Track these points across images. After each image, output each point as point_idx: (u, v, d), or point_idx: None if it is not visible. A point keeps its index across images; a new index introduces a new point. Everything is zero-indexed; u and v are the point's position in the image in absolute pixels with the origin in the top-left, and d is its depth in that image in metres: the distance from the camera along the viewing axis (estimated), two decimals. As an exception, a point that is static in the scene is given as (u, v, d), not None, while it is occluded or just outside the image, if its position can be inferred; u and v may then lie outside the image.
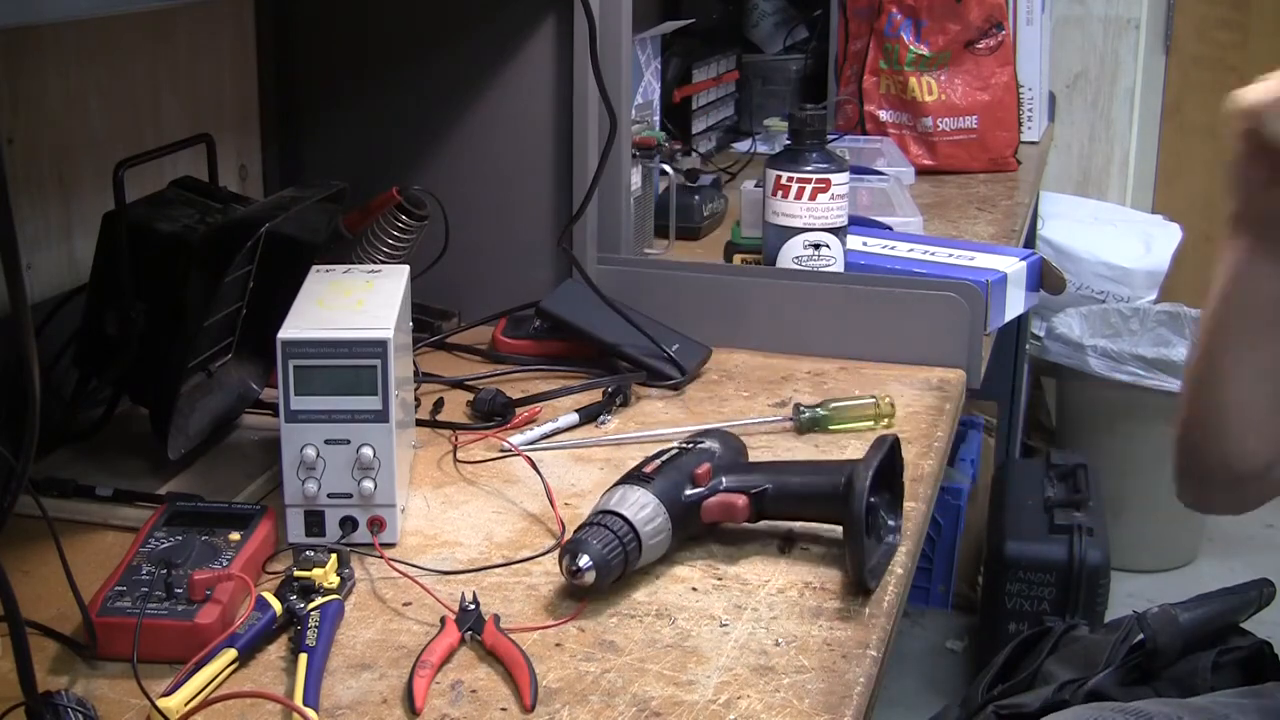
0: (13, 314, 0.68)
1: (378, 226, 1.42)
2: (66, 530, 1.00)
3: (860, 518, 0.96)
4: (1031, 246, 2.84)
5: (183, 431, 1.13)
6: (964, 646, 2.74)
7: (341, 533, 1.02)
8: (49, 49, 1.26)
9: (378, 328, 1.00)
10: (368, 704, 0.83)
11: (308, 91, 1.59)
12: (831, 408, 1.27)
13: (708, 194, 1.94)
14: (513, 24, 1.48)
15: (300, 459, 1.00)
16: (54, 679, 0.86)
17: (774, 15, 2.69)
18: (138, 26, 1.38)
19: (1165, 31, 3.62)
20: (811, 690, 0.85)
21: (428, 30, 1.52)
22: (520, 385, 1.37)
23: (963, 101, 2.33)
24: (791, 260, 1.52)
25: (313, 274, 1.13)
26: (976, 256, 1.60)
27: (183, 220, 1.12)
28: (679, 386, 1.38)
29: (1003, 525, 2.53)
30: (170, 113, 1.44)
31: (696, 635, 0.92)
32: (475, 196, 1.52)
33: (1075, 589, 2.39)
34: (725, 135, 2.54)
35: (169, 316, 1.09)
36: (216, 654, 0.85)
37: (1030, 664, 1.47)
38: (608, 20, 1.45)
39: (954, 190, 2.23)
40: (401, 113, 1.54)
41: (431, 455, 1.22)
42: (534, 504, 1.12)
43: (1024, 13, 2.56)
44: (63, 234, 1.30)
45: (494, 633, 0.90)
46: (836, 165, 1.52)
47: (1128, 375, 3.00)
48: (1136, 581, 3.04)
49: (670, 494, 1.00)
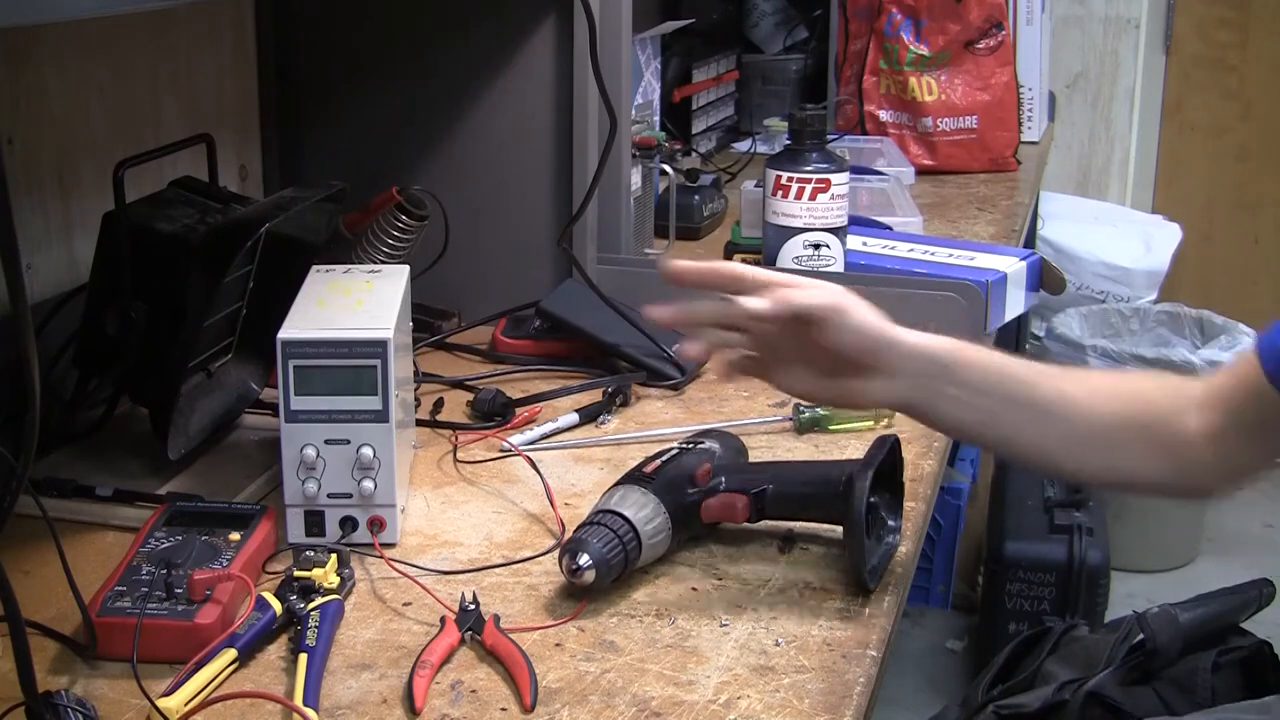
0: (13, 314, 0.68)
1: (378, 226, 1.42)
2: (66, 530, 1.00)
3: (860, 518, 0.96)
4: (1031, 246, 2.84)
5: (183, 431, 1.13)
6: (964, 646, 2.74)
7: (341, 533, 1.02)
8: (49, 49, 1.26)
9: (378, 328, 1.00)
10: (368, 704, 0.83)
11: (308, 91, 1.59)
12: (831, 408, 1.27)
13: (708, 194, 1.94)
14: (513, 24, 1.48)
15: (300, 459, 1.00)
16: (54, 679, 0.86)
17: (774, 15, 2.69)
18: (138, 26, 1.38)
19: (1165, 31, 3.62)
20: (811, 690, 0.85)
21: (428, 30, 1.51)
22: (520, 385, 1.37)
23: (963, 101, 2.33)
24: (791, 260, 1.52)
25: (313, 274, 1.13)
26: (976, 256, 1.60)
27: (183, 220, 1.12)
28: (679, 386, 1.38)
29: (1003, 525, 2.52)
30: (170, 113, 1.44)
31: (696, 635, 0.91)
32: (475, 196, 1.52)
33: (1075, 589, 2.39)
34: (725, 135, 2.54)
35: (169, 316, 1.09)
36: (216, 654, 0.85)
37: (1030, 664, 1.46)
38: (608, 20, 1.45)
39: (954, 190, 2.23)
40: (401, 113, 1.54)
41: (431, 455, 1.22)
42: (534, 504, 1.12)
43: (1024, 13, 2.56)
44: (63, 234, 1.30)
45: (494, 633, 0.90)
46: (836, 165, 1.52)
47: (1128, 375, 3.00)
48: (1136, 581, 3.04)
49: (670, 494, 1.00)
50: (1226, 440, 0.95)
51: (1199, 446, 0.96)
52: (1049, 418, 0.97)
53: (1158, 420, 0.97)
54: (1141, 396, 0.99)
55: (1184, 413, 0.97)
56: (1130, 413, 0.98)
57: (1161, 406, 0.98)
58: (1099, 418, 0.97)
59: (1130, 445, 0.98)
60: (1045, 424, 0.97)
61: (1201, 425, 0.96)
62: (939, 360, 0.96)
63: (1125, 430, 0.98)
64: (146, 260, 1.10)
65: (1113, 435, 0.97)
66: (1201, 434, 0.96)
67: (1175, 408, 0.97)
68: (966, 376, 0.96)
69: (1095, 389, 0.99)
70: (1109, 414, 0.98)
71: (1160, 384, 1.01)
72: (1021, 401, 0.96)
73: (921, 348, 0.96)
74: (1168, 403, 0.98)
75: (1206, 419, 0.96)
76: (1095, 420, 0.97)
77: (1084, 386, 0.99)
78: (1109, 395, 0.99)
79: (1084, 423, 0.97)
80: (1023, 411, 0.97)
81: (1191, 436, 0.96)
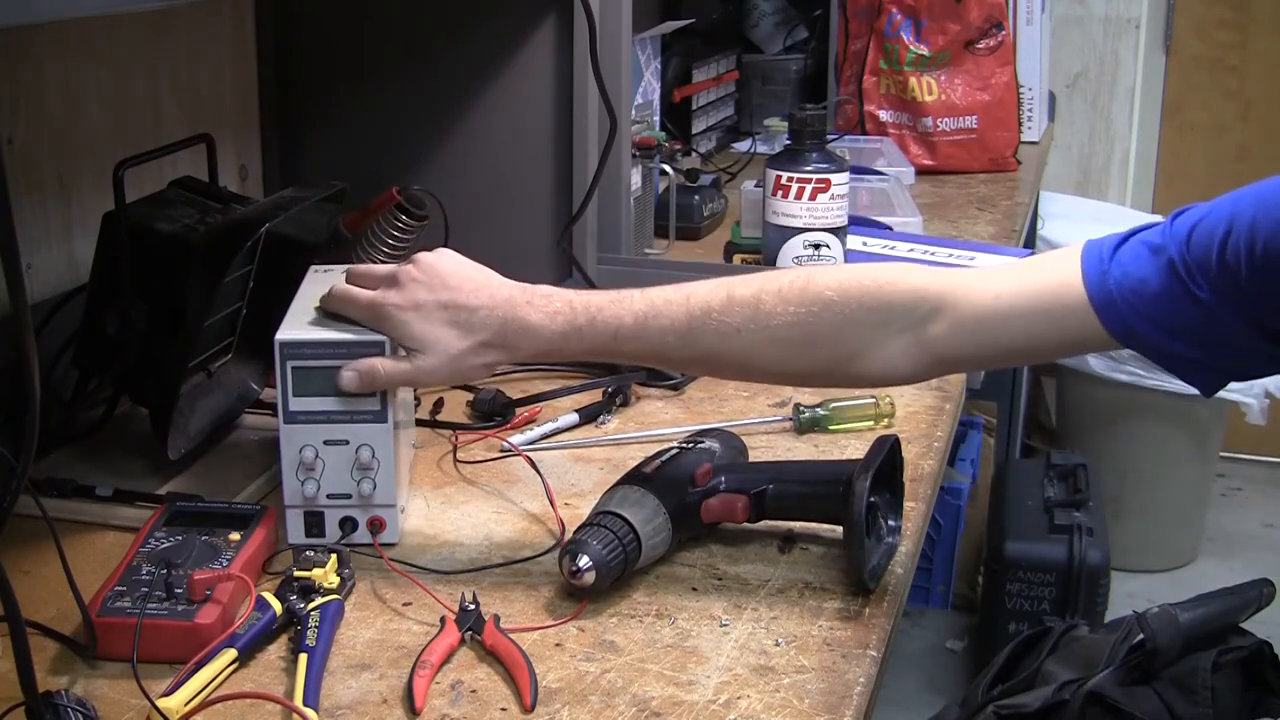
0: (13, 314, 0.68)
1: (378, 226, 1.42)
2: (66, 530, 1.00)
3: (860, 518, 0.96)
4: (1031, 246, 2.83)
5: (183, 431, 1.13)
6: (964, 646, 2.74)
7: (341, 533, 1.02)
8: (49, 49, 1.26)
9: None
10: (368, 704, 0.83)
11: (308, 91, 1.59)
12: (831, 408, 1.27)
13: (708, 194, 1.94)
14: (513, 24, 1.48)
15: (300, 459, 1.00)
16: (54, 679, 0.86)
17: (774, 15, 2.69)
18: (138, 26, 1.38)
19: (1165, 31, 3.62)
20: (811, 690, 0.85)
21: (428, 30, 1.51)
22: (520, 385, 1.37)
23: (963, 101, 2.33)
24: (791, 260, 1.52)
25: (311, 274, 1.13)
26: (976, 256, 1.60)
27: (183, 220, 1.12)
28: (679, 386, 1.38)
29: (1003, 525, 2.52)
30: (170, 113, 1.44)
31: (696, 635, 0.91)
32: (475, 196, 1.52)
33: (1075, 589, 2.39)
34: (725, 135, 2.55)
35: (169, 316, 1.09)
36: (216, 654, 0.85)
37: (1030, 664, 1.46)
38: (608, 20, 1.45)
39: (954, 190, 2.23)
40: (401, 113, 1.54)
41: (431, 455, 1.22)
42: (534, 504, 1.12)
43: (1024, 13, 2.56)
44: (63, 234, 1.30)
45: (494, 633, 0.90)
46: (836, 165, 1.52)
47: (1128, 375, 3.00)
48: (1136, 581, 3.04)
49: (670, 494, 1.00)
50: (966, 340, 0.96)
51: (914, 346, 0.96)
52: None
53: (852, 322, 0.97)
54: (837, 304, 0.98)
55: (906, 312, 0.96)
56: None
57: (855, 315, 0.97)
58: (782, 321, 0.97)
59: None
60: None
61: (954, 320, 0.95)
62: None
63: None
64: (146, 260, 1.10)
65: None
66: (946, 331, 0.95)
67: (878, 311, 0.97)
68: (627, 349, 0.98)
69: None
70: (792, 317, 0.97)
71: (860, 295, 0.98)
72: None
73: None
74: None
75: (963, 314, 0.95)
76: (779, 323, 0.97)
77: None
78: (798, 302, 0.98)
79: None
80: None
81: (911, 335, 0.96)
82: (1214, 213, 0.91)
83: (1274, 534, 3.41)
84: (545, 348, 0.99)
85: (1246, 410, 3.00)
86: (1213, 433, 3.14)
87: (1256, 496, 3.61)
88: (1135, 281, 0.93)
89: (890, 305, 0.97)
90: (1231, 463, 3.58)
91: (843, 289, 0.97)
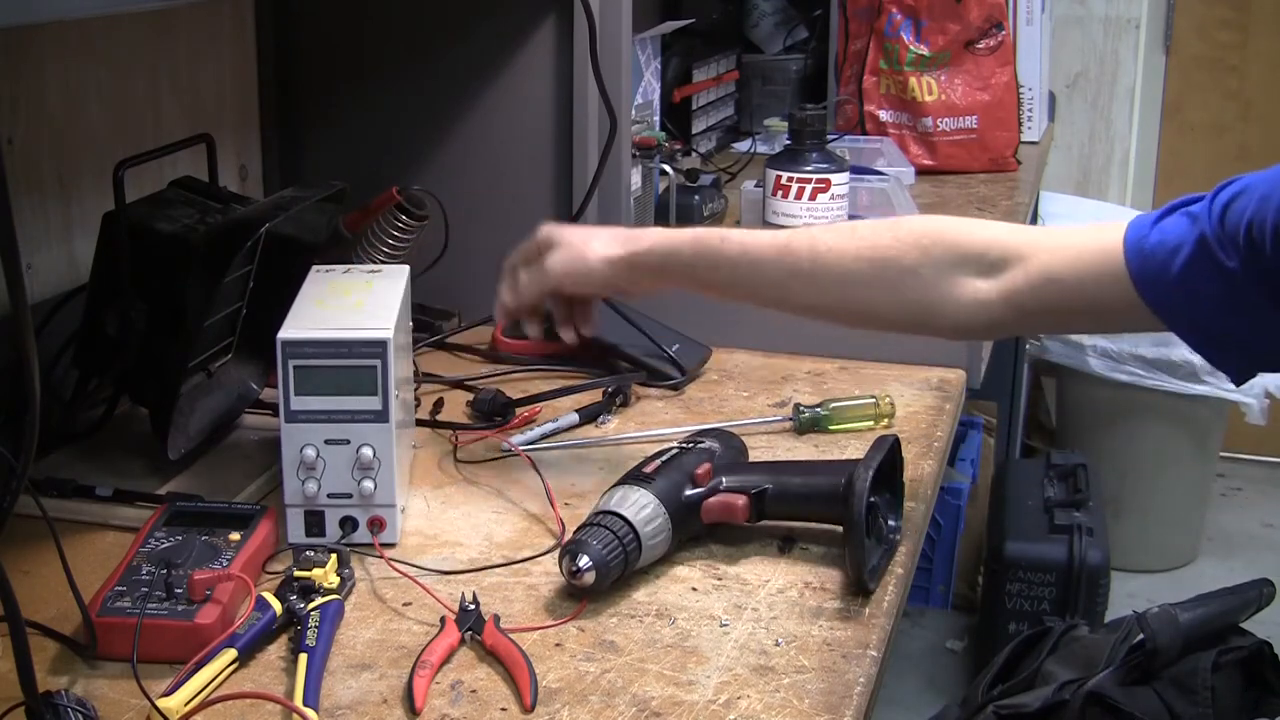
0: (13, 314, 0.68)
1: (378, 226, 1.42)
2: (66, 530, 1.00)
3: (860, 518, 0.96)
4: (1031, 246, 2.83)
5: (183, 431, 1.13)
6: (964, 646, 2.74)
7: (341, 533, 1.02)
8: (49, 49, 1.26)
9: (378, 328, 1.00)
10: (368, 704, 0.83)
11: (308, 91, 1.59)
12: (831, 408, 1.27)
13: (708, 194, 1.94)
14: (513, 24, 1.48)
15: (300, 459, 1.00)
16: (54, 679, 0.86)
17: (774, 15, 2.69)
18: (138, 26, 1.38)
19: (1165, 31, 3.62)
20: (811, 690, 0.85)
21: (428, 30, 1.52)
22: (520, 385, 1.37)
23: (963, 101, 2.32)
24: (791, 260, 1.52)
25: (313, 274, 1.13)
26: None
27: (183, 220, 1.12)
28: (679, 386, 1.38)
29: (1003, 525, 2.53)
30: (170, 113, 1.44)
31: (696, 635, 0.91)
32: (475, 196, 1.52)
33: (1075, 589, 2.39)
34: (725, 135, 2.54)
35: (169, 316, 1.09)
36: (216, 654, 0.85)
37: (1030, 664, 1.46)
38: (608, 20, 1.45)
39: (954, 190, 2.23)
40: (401, 113, 1.54)
41: (431, 455, 1.22)
42: (534, 504, 1.12)
43: (1024, 13, 2.56)
44: (63, 234, 1.30)
45: (494, 633, 0.90)
46: (836, 165, 1.52)
47: (1128, 375, 3.00)
48: (1136, 581, 3.04)
49: (670, 494, 1.00)
50: (1023, 304, 0.99)
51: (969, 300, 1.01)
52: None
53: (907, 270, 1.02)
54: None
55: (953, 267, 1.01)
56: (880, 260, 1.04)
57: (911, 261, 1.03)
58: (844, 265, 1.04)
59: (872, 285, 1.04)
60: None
61: (1003, 284, 0.99)
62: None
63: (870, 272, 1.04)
64: (146, 260, 1.10)
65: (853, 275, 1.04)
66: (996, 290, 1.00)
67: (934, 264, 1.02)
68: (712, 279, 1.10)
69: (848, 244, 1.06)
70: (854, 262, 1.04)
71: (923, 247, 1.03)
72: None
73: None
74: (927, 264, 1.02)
75: (1013, 280, 0.99)
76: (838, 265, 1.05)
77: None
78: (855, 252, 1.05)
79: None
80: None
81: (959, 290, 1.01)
82: (1253, 187, 0.91)
83: (1274, 534, 3.41)
84: (664, 241, 1.10)
85: (1246, 410, 3.00)
86: (1213, 433, 3.14)
87: (1256, 496, 3.61)
88: (1168, 251, 0.93)
89: (962, 247, 1.01)
90: (1231, 463, 3.58)
91: (912, 231, 1.04)
